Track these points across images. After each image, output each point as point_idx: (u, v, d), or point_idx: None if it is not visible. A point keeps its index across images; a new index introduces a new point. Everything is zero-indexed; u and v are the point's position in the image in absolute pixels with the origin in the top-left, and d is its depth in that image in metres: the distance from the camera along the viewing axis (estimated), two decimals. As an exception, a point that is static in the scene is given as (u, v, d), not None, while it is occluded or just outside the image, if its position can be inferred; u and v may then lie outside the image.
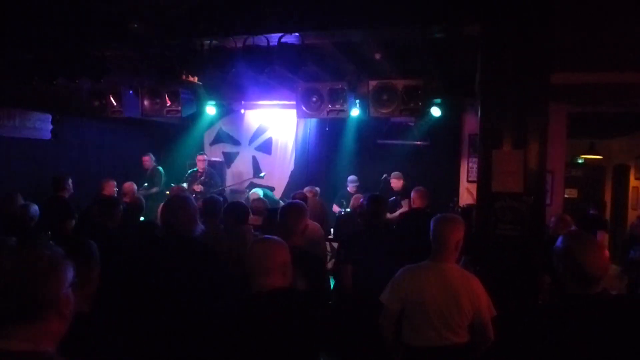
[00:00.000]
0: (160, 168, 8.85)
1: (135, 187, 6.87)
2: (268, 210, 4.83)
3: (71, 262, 1.50)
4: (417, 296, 2.84)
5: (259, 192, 7.85)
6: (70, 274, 1.49)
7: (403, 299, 2.89)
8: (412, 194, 5.74)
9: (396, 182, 7.66)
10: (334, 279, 4.82)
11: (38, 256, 1.45)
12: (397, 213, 7.01)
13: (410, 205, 6.01)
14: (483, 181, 3.92)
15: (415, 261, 3.01)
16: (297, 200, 3.40)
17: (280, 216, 3.13)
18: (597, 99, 6.66)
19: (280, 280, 2.21)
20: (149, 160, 8.86)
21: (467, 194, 8.31)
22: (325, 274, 3.94)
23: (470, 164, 8.51)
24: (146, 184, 8.42)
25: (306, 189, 6.51)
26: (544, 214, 4.06)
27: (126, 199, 6.35)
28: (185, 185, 8.13)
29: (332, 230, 6.92)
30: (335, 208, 7.80)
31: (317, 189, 6.49)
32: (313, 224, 4.76)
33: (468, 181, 8.52)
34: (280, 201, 8.35)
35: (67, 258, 1.49)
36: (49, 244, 1.53)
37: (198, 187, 8.35)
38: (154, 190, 8.42)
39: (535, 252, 3.74)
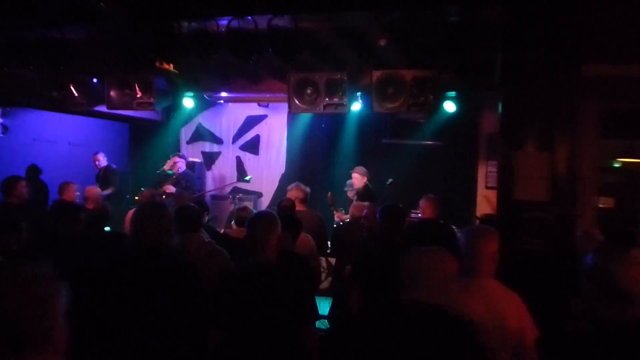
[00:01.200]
0: (114, 166, 8.86)
1: (99, 191, 6.86)
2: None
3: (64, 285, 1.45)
4: None
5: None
6: (64, 300, 1.44)
7: None
8: (422, 203, 5.75)
9: (359, 179, 7.54)
10: (333, 300, 4.83)
11: (27, 278, 1.39)
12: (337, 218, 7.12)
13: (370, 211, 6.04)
14: (504, 188, 3.94)
15: None
16: (266, 210, 3.40)
17: (247, 229, 3.15)
18: (636, 94, 6.71)
19: None
20: (100, 158, 8.86)
21: (485, 203, 8.32)
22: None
23: (489, 168, 8.53)
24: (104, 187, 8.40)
25: (291, 187, 6.46)
26: (575, 226, 4.08)
27: (89, 206, 6.33)
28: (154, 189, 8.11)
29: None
30: (339, 216, 7.77)
31: (307, 189, 6.47)
32: (303, 236, 4.76)
33: (486, 188, 8.53)
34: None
35: (60, 280, 1.45)
36: (36, 262, 1.47)
37: (168, 188, 8.33)
38: (109, 191, 8.44)
39: (564, 270, 3.75)
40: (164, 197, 7.93)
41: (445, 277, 2.52)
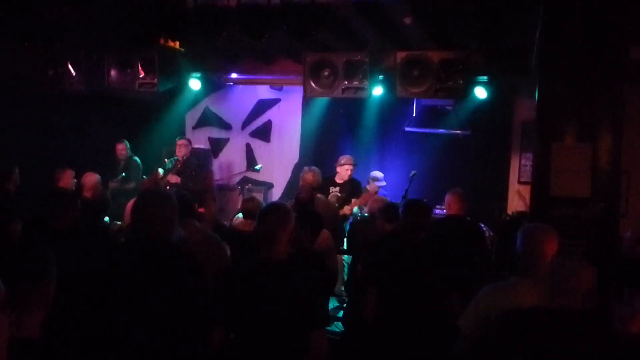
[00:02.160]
0: (137, 159, 8.94)
1: (97, 178, 6.91)
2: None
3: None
4: None
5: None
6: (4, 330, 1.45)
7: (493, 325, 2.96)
8: (447, 198, 5.72)
9: (344, 170, 7.44)
10: (348, 301, 4.84)
11: None
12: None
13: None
14: (539, 183, 3.91)
15: (460, 283, 3.08)
16: (278, 202, 3.39)
17: (258, 221, 3.14)
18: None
19: None
20: (123, 148, 8.91)
21: (517, 199, 8.27)
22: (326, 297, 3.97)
23: (523, 161, 8.47)
24: (123, 174, 8.49)
25: (307, 171, 6.44)
26: (618, 226, 4.03)
27: (87, 194, 6.39)
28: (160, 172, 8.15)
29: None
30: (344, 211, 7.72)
31: (316, 169, 6.45)
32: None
33: (519, 182, 8.47)
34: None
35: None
36: None
37: (174, 178, 8.38)
38: (132, 185, 8.50)
39: (605, 275, 3.71)
40: (167, 187, 7.97)
41: None
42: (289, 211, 3.18)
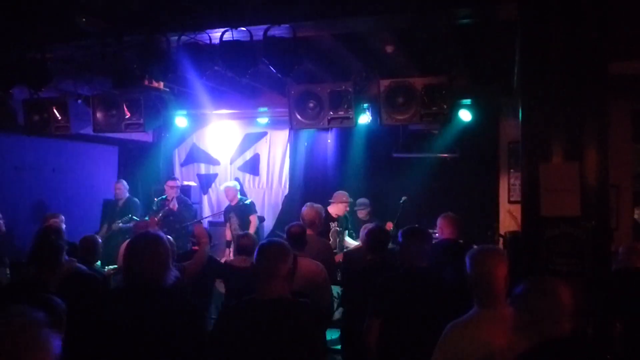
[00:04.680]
0: (136, 199, 8.95)
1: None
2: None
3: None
4: (482, 356, 2.81)
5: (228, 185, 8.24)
6: (57, 348, 1.44)
7: None
8: (439, 222, 5.72)
9: (343, 207, 7.75)
10: (344, 335, 4.79)
11: (15, 324, 1.39)
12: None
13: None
14: (529, 202, 3.91)
15: (458, 309, 3.02)
16: (275, 239, 3.38)
17: (257, 257, 3.12)
18: (669, 94, 6.69)
19: None
20: (122, 188, 8.89)
21: (509, 219, 8.28)
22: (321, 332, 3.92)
23: (511, 181, 8.50)
24: (130, 215, 8.46)
25: (307, 207, 6.40)
26: (610, 242, 4.03)
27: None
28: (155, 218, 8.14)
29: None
30: (348, 243, 7.79)
31: (318, 206, 6.46)
32: (312, 264, 4.73)
33: (510, 202, 8.50)
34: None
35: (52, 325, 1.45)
36: (23, 305, 1.47)
37: (174, 205, 8.43)
38: (133, 224, 8.44)
39: (600, 293, 3.71)
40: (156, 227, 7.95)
41: None
42: (288, 248, 3.16)
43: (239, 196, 8.76)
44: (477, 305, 2.95)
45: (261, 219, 9.83)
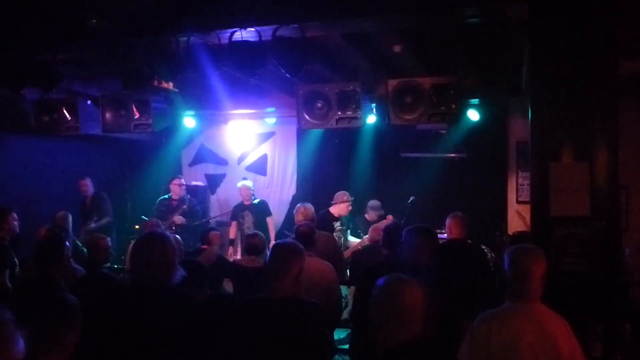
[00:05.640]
0: (103, 193, 8.80)
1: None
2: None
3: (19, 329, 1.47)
4: (509, 349, 2.91)
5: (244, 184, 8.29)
6: (19, 348, 1.46)
7: (492, 354, 2.93)
8: (448, 222, 5.71)
9: (346, 207, 7.71)
10: (353, 331, 4.79)
11: None
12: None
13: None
14: (538, 202, 3.90)
15: (465, 309, 3.06)
16: (289, 240, 3.38)
17: (269, 257, 3.13)
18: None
19: None
20: (87, 184, 8.73)
21: (517, 219, 8.25)
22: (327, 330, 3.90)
23: (520, 181, 8.47)
24: (95, 218, 8.38)
25: (298, 209, 6.43)
26: (620, 242, 4.01)
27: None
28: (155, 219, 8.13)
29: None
30: (351, 242, 7.78)
31: (308, 205, 6.46)
32: (321, 264, 4.72)
33: (518, 202, 8.47)
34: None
35: (14, 324, 1.47)
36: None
37: (179, 219, 8.38)
38: (105, 220, 8.46)
39: (609, 293, 3.69)
40: (173, 229, 7.97)
41: None
42: (302, 248, 3.18)
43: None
44: (510, 299, 3.05)
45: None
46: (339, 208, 7.58)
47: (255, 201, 8.72)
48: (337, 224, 7.52)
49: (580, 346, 2.99)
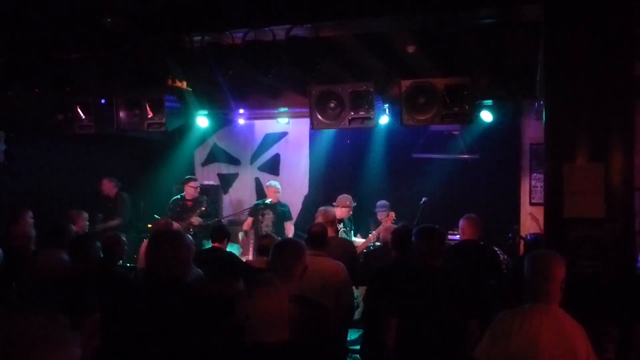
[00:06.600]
0: (125, 195, 8.84)
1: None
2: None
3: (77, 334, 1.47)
4: (529, 346, 2.96)
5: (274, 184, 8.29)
6: (77, 353, 1.46)
7: (510, 351, 2.98)
8: (461, 223, 5.68)
9: (346, 212, 7.59)
10: (364, 334, 4.77)
11: (40, 326, 1.39)
12: None
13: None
14: (552, 204, 3.87)
15: (478, 309, 3.17)
16: (291, 238, 3.38)
17: (271, 256, 3.14)
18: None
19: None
20: (110, 184, 8.78)
21: (530, 221, 8.20)
22: (334, 330, 3.90)
23: (533, 182, 8.44)
24: (100, 215, 8.41)
25: (320, 209, 6.41)
26: (634, 246, 3.98)
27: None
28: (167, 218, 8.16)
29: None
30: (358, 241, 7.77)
31: (331, 209, 6.44)
32: (332, 263, 4.71)
33: (531, 204, 8.43)
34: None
35: (73, 329, 1.47)
36: (47, 308, 1.48)
37: (196, 220, 8.41)
38: (115, 222, 8.45)
39: (623, 296, 3.66)
40: (190, 230, 8.00)
41: None
42: (303, 246, 3.18)
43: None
44: (531, 301, 3.10)
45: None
46: (340, 211, 7.54)
47: (280, 203, 8.65)
48: (340, 226, 7.50)
49: (594, 352, 3.02)
